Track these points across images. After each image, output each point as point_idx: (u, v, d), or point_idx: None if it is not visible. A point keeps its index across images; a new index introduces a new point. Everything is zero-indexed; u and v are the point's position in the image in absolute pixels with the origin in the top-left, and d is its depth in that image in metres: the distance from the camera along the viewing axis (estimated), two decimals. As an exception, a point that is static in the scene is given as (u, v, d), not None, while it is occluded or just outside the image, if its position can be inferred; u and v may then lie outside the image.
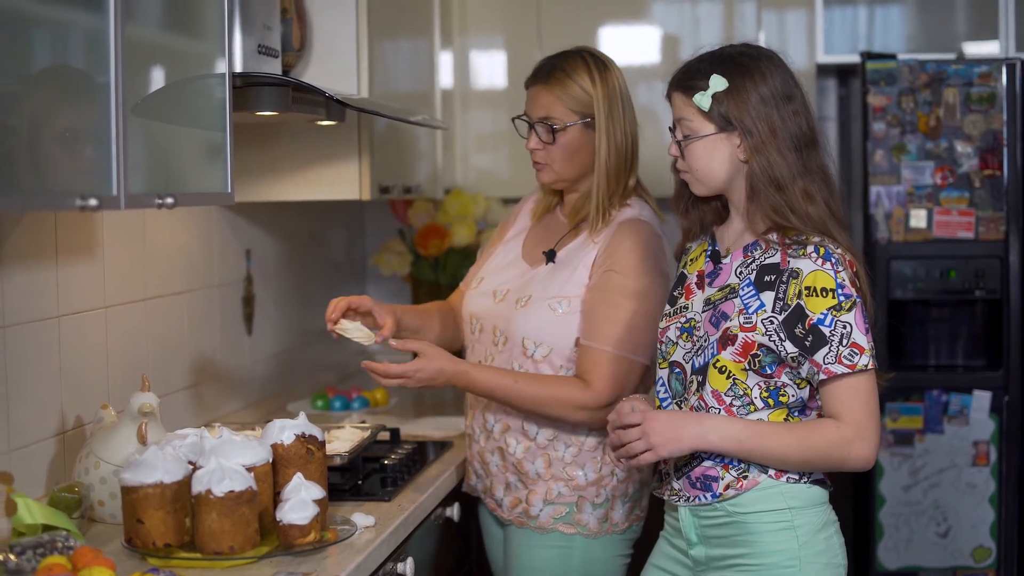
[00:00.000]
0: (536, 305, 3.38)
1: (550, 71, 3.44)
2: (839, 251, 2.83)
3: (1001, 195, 4.83)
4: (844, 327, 2.79)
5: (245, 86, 3.18)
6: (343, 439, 3.45)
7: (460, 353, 3.58)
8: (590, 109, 3.42)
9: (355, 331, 3.27)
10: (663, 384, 3.02)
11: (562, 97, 3.42)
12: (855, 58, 5.17)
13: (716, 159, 2.90)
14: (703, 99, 2.87)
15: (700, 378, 2.90)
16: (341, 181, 4.02)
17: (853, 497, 5.10)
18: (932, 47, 5.31)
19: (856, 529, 5.04)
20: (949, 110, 4.83)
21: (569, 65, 3.43)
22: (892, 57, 4.92)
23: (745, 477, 2.87)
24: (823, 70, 5.39)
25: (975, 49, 5.28)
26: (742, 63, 2.89)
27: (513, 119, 3.50)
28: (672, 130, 2.97)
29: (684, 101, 2.91)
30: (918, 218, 4.88)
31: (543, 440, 3.39)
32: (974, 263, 4.87)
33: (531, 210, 3.63)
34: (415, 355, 3.26)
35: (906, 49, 5.29)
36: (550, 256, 3.45)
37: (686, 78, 2.92)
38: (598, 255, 3.39)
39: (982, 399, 4.88)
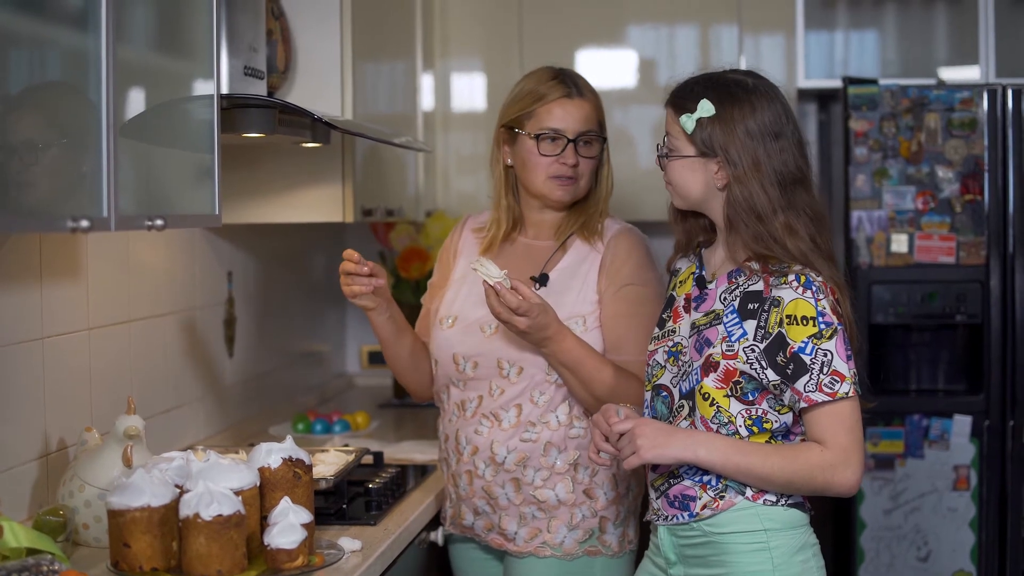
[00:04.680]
0: None
1: (580, 83, 3.43)
2: (820, 279, 2.84)
3: (982, 220, 4.84)
4: (825, 355, 2.80)
5: (231, 107, 3.18)
6: (328, 463, 3.44)
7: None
8: (604, 123, 3.46)
9: (491, 267, 3.14)
10: (648, 406, 3.03)
11: (598, 108, 3.44)
12: (835, 83, 5.18)
13: (692, 180, 2.91)
14: (688, 121, 2.88)
15: (690, 403, 2.90)
16: (324, 203, 4.01)
17: (834, 521, 5.09)
18: (909, 72, 5.34)
19: (837, 554, 5.04)
20: (931, 135, 4.85)
21: (583, 78, 3.45)
22: (874, 82, 4.93)
23: (722, 497, 2.88)
24: (803, 95, 5.40)
25: (953, 74, 5.30)
26: (735, 93, 2.88)
27: (536, 135, 3.38)
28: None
29: (672, 118, 2.93)
30: (899, 243, 4.89)
31: (563, 466, 3.36)
32: (955, 288, 4.88)
33: (475, 245, 3.56)
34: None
35: (883, 74, 5.31)
36: (542, 280, 3.41)
37: (679, 96, 2.94)
38: (603, 266, 3.39)
39: (963, 424, 4.88)
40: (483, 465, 3.40)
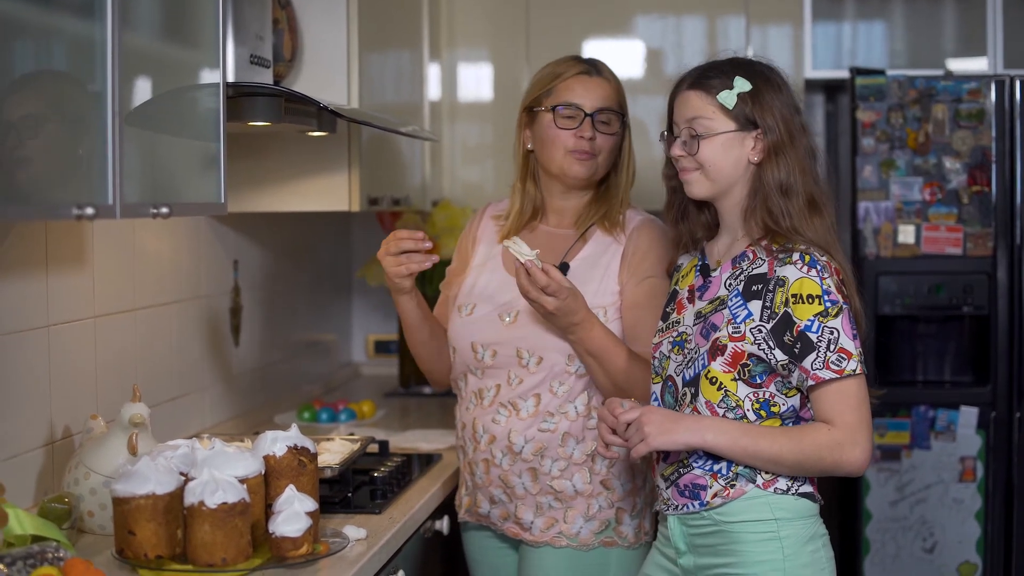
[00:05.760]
0: None
1: (600, 65, 3.44)
2: (824, 259, 2.85)
3: (989, 211, 4.84)
4: (831, 333, 2.80)
5: (237, 96, 3.17)
6: (333, 451, 3.44)
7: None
8: (626, 108, 3.45)
9: (524, 247, 3.15)
10: (656, 399, 3.03)
11: (618, 91, 3.44)
12: (842, 73, 5.18)
13: (730, 157, 2.92)
14: (729, 97, 2.90)
15: (693, 390, 2.91)
16: (330, 192, 4.01)
17: (840, 512, 5.09)
18: (917, 63, 5.33)
19: (842, 544, 5.04)
20: (938, 126, 4.84)
21: (605, 64, 3.45)
22: (881, 73, 4.92)
23: (732, 486, 2.88)
24: (810, 85, 5.39)
25: (961, 65, 5.29)
26: (762, 71, 2.95)
27: (553, 107, 3.37)
28: (668, 135, 3.00)
29: (704, 99, 2.93)
30: (906, 234, 4.88)
31: (580, 456, 3.34)
32: (962, 279, 4.87)
33: (495, 232, 3.54)
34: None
35: (891, 65, 5.30)
36: (562, 269, 3.37)
37: (705, 78, 2.95)
38: (625, 258, 3.37)
39: (969, 415, 4.88)
40: (500, 454, 3.38)
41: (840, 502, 5.09)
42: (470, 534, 3.58)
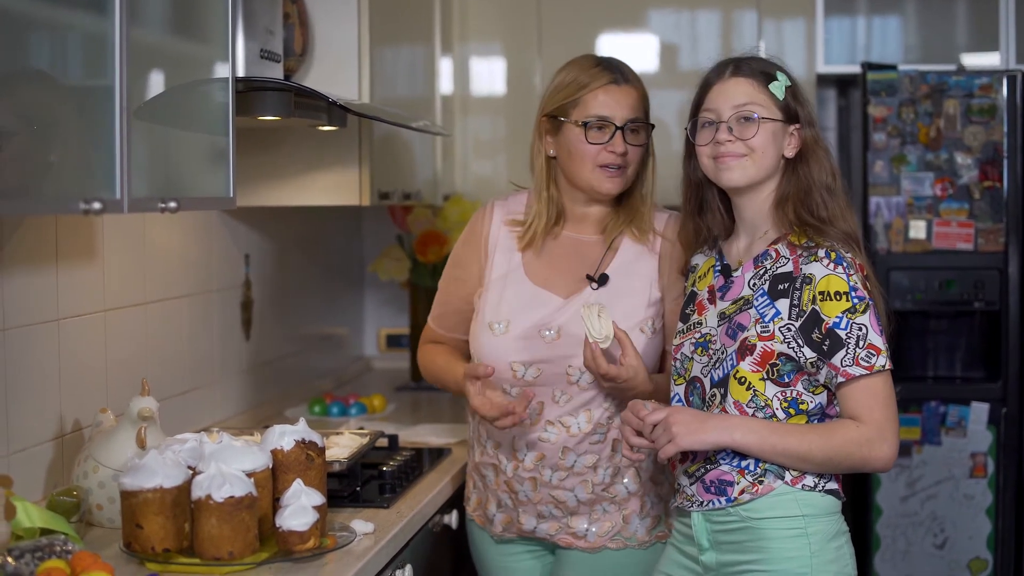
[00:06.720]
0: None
1: (625, 70, 3.30)
2: (849, 255, 2.85)
3: (1001, 207, 4.83)
4: (860, 329, 2.80)
5: (247, 91, 3.18)
6: (342, 445, 3.44)
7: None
8: (649, 113, 3.34)
9: (594, 320, 3.06)
10: (679, 400, 3.01)
11: (644, 96, 3.31)
12: (855, 68, 5.17)
13: (777, 147, 2.93)
14: (779, 87, 2.92)
15: (722, 391, 2.90)
16: (341, 186, 4.01)
17: (851, 508, 5.08)
18: (931, 58, 5.32)
19: (853, 540, 5.02)
20: (949, 121, 4.83)
21: (628, 65, 3.33)
22: (893, 68, 4.92)
23: (761, 482, 2.87)
24: (823, 80, 5.39)
25: (974, 60, 5.29)
26: (785, 69, 2.98)
27: (583, 122, 3.22)
28: (696, 123, 2.98)
29: (755, 87, 2.93)
30: (917, 229, 4.88)
31: (627, 461, 3.26)
32: (973, 274, 4.87)
33: (511, 238, 3.39)
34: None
35: (904, 60, 5.30)
36: (601, 281, 3.28)
37: (754, 67, 2.96)
38: (663, 256, 3.29)
39: (980, 411, 4.87)
40: (550, 471, 3.28)
41: (851, 498, 5.07)
42: (503, 546, 3.46)
